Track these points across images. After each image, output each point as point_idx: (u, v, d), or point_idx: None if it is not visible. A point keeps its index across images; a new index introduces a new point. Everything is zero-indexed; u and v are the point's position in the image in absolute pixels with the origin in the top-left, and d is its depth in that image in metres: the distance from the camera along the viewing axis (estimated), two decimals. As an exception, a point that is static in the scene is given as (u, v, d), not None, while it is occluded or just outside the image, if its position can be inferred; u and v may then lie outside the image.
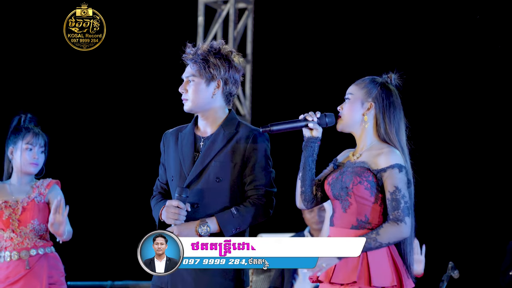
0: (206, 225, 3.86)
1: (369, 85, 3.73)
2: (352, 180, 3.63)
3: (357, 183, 3.62)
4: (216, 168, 3.94)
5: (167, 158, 4.09)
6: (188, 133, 4.07)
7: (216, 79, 4.01)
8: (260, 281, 7.66)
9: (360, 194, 3.61)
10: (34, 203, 5.06)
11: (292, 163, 8.53)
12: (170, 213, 3.88)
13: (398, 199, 3.54)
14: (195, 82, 4.00)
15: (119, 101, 9.09)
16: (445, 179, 7.97)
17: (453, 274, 5.39)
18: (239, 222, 3.89)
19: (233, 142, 3.97)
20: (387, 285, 3.55)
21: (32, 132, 5.12)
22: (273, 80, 8.95)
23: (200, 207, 3.92)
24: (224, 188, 3.93)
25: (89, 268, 7.83)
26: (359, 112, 3.71)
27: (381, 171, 3.59)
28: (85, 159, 9.11)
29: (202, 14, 8.69)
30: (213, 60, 3.99)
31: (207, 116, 4.04)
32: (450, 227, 8.02)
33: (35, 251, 5.02)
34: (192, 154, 4.00)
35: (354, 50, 8.45)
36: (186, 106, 4.04)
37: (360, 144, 3.73)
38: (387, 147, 3.64)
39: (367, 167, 3.62)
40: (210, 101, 4.02)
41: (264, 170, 3.98)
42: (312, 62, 8.77)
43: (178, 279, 3.92)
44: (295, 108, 8.16)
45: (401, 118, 3.71)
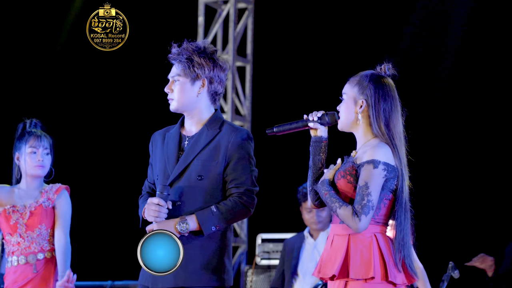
0: (185, 222, 3.89)
1: (360, 81, 3.71)
2: (337, 175, 3.65)
3: (340, 177, 3.63)
4: (198, 166, 3.97)
5: (154, 158, 4.14)
6: (174, 133, 4.11)
7: (201, 78, 4.05)
8: (260, 281, 7.65)
9: (343, 188, 3.62)
10: (42, 208, 5.06)
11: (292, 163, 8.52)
12: (151, 210, 3.91)
13: (363, 195, 3.53)
14: (180, 82, 4.05)
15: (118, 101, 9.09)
16: (445, 179, 7.97)
17: (453, 274, 5.39)
18: (218, 220, 3.91)
19: (215, 141, 4.01)
20: (364, 277, 3.53)
21: (34, 135, 5.12)
22: (273, 80, 8.95)
23: (182, 204, 3.95)
24: (206, 186, 3.96)
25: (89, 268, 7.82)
26: (352, 111, 3.70)
27: (360, 166, 3.59)
28: (85, 159, 9.10)
29: (202, 14, 8.69)
30: (198, 59, 4.03)
31: (193, 115, 4.08)
32: (450, 227, 8.02)
33: (42, 255, 5.02)
34: (176, 153, 4.04)
35: (354, 50, 8.45)
36: (172, 106, 4.09)
37: (358, 142, 3.73)
38: (377, 142, 3.63)
39: (355, 163, 3.63)
40: (196, 100, 4.06)
41: (245, 168, 4.01)
42: (312, 61, 8.77)
43: (158, 277, 3.94)
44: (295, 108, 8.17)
45: (394, 110, 3.67)
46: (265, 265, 7.67)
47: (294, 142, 7.64)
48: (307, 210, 6.72)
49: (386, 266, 3.55)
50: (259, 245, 7.75)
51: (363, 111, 3.68)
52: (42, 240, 5.02)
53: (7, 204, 5.07)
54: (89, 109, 9.21)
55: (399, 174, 3.62)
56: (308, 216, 6.71)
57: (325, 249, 3.69)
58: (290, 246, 6.78)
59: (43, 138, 5.13)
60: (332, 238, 3.68)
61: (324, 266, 3.63)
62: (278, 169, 8.72)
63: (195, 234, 3.92)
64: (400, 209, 3.62)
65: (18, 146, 5.14)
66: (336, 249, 3.61)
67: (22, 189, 5.11)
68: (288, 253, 6.75)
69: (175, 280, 3.91)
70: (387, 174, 3.57)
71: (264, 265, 7.68)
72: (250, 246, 8.45)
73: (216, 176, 3.97)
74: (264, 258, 7.70)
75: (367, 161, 3.57)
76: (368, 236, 3.58)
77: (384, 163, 3.56)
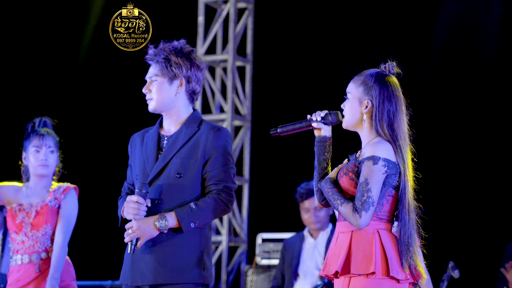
0: (164, 219, 3.92)
1: (365, 81, 3.71)
2: (340, 173, 3.65)
3: (343, 175, 3.64)
4: (177, 164, 4.01)
5: (133, 159, 4.18)
6: (153, 133, 4.15)
7: (178, 78, 4.10)
8: (260, 281, 7.66)
9: (346, 186, 3.63)
10: (48, 207, 5.06)
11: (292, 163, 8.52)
12: (129, 208, 3.95)
13: (363, 191, 3.54)
14: (158, 82, 4.10)
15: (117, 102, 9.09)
16: (445, 178, 7.97)
17: (453, 274, 5.38)
18: (197, 216, 3.94)
19: (194, 139, 4.05)
20: (364, 272, 3.54)
21: (38, 134, 5.12)
22: (273, 80, 8.95)
23: (161, 202, 3.99)
24: (185, 184, 4.00)
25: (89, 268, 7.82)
26: (358, 110, 3.70)
27: (361, 162, 3.60)
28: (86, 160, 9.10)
29: (202, 14, 8.69)
30: (175, 59, 4.08)
31: (171, 115, 4.13)
32: (450, 227, 8.01)
33: (46, 254, 5.02)
34: (155, 152, 4.08)
35: (354, 50, 8.45)
36: (150, 106, 4.13)
37: (363, 141, 3.73)
38: (378, 139, 3.64)
39: (356, 160, 3.64)
40: (174, 100, 4.11)
41: (224, 166, 4.03)
42: (312, 61, 8.77)
43: (137, 274, 3.99)
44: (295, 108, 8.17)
45: (398, 110, 3.68)
46: (265, 264, 7.68)
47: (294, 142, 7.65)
48: (304, 210, 6.72)
49: (388, 261, 3.55)
50: (259, 245, 7.75)
51: (368, 111, 3.69)
52: (46, 239, 5.03)
53: (14, 202, 5.09)
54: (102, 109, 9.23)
55: (401, 173, 3.62)
56: (306, 216, 6.72)
57: (330, 247, 3.70)
58: (290, 246, 6.78)
59: (46, 137, 5.13)
60: (337, 235, 3.68)
61: (329, 264, 3.64)
62: (278, 169, 8.72)
63: (174, 231, 3.96)
64: (404, 210, 3.62)
65: (24, 145, 5.16)
66: (340, 246, 3.62)
67: (30, 188, 5.12)
68: (288, 253, 6.75)
69: (155, 277, 3.95)
70: (388, 170, 3.58)
71: (264, 265, 7.68)
72: (250, 245, 8.45)
73: (195, 174, 4.01)
74: (265, 258, 7.70)
75: (367, 157, 3.57)
76: (371, 232, 3.58)
77: (384, 159, 3.57)
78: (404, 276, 3.58)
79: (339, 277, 3.60)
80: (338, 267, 3.56)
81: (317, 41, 8.81)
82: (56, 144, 5.16)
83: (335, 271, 3.58)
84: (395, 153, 3.61)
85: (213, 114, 8.66)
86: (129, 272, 4.01)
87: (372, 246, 3.56)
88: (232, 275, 8.49)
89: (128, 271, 4.01)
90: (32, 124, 5.19)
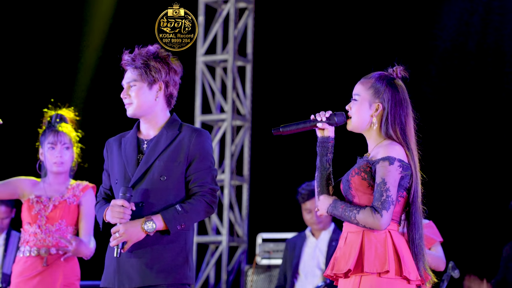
0: (151, 222, 3.94)
1: (375, 84, 3.71)
2: (351, 172, 3.66)
3: (354, 174, 3.65)
4: (160, 167, 4.03)
5: (110, 164, 4.17)
6: (131, 137, 4.16)
7: (157, 82, 4.12)
8: (260, 281, 7.65)
9: (358, 186, 3.63)
10: (66, 203, 5.07)
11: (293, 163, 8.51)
12: (115, 212, 3.95)
13: (382, 191, 3.55)
14: (137, 87, 4.11)
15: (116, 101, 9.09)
16: (445, 178, 7.97)
17: (454, 274, 5.39)
18: (184, 218, 3.97)
19: (176, 142, 4.07)
20: (379, 271, 3.55)
21: (53, 131, 5.12)
22: (273, 80, 8.95)
23: (145, 205, 4.00)
24: (169, 187, 4.02)
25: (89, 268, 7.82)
26: (367, 113, 3.71)
27: (375, 163, 3.60)
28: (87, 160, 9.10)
29: (202, 14, 8.69)
30: (154, 64, 4.10)
31: (150, 119, 4.14)
32: (450, 227, 8.01)
33: (55, 250, 5.03)
34: (135, 156, 4.09)
35: (354, 50, 8.45)
36: (130, 111, 4.14)
37: (370, 144, 3.74)
38: (388, 141, 3.65)
39: (368, 160, 3.64)
40: (153, 104, 4.12)
41: (207, 168, 4.07)
42: (312, 61, 8.77)
43: (124, 277, 4.00)
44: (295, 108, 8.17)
45: (408, 114, 3.71)
46: (265, 264, 7.67)
47: (294, 142, 7.65)
48: (306, 210, 6.72)
49: (400, 261, 3.57)
50: (259, 245, 7.75)
51: (378, 114, 3.69)
52: (59, 235, 5.04)
53: (31, 194, 5.09)
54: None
55: (412, 175, 3.64)
56: (308, 216, 6.72)
57: (338, 247, 3.70)
58: (291, 246, 6.79)
59: (61, 133, 5.13)
60: (345, 235, 3.68)
61: (338, 263, 3.64)
62: (278, 169, 8.72)
63: (160, 233, 3.99)
64: (417, 212, 3.64)
65: (41, 141, 5.18)
66: (350, 245, 3.63)
67: (48, 183, 5.14)
68: (290, 253, 6.76)
69: (142, 280, 3.97)
70: (403, 170, 3.60)
71: (264, 265, 7.68)
72: (250, 245, 8.46)
73: (178, 176, 4.03)
74: (265, 258, 7.70)
75: (382, 158, 3.59)
76: (383, 232, 3.60)
77: (399, 160, 3.59)
78: (415, 277, 3.59)
79: (349, 276, 3.60)
80: (350, 265, 3.57)
81: (317, 41, 8.81)
82: (70, 141, 5.16)
83: (347, 270, 3.58)
84: (407, 156, 3.63)
85: (213, 114, 8.66)
86: (115, 275, 4.02)
87: (385, 245, 3.58)
88: (232, 275, 8.50)
89: (113, 275, 4.03)
90: (49, 120, 5.20)
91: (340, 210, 3.63)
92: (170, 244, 4.00)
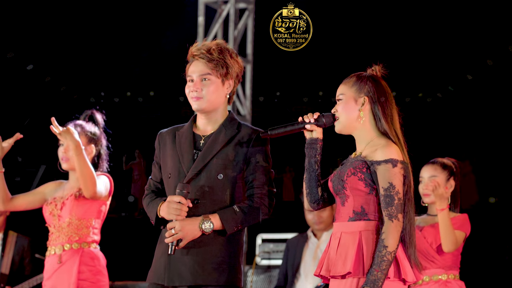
0: (209, 221, 3.87)
1: (357, 81, 3.74)
2: (346, 172, 3.65)
3: (350, 174, 3.64)
4: (218, 165, 3.93)
5: (163, 157, 4.06)
6: (187, 131, 4.04)
7: (229, 79, 4.01)
8: (260, 281, 7.66)
9: (354, 185, 3.63)
10: (73, 197, 5.08)
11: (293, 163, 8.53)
12: (172, 209, 3.87)
13: (392, 195, 3.55)
14: (211, 81, 3.98)
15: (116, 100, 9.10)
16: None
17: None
18: (241, 220, 3.90)
19: (235, 141, 3.97)
20: None
21: None
22: (273, 80, 8.96)
23: (200, 203, 3.92)
24: (225, 186, 3.93)
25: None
26: (355, 109, 3.72)
27: (374, 164, 3.60)
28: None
29: (202, 14, 8.69)
30: (229, 59, 4.00)
31: (212, 115, 4.03)
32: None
33: (69, 245, 5.04)
34: (191, 151, 3.98)
35: (354, 50, 8.46)
36: (198, 105, 3.99)
37: (360, 143, 3.73)
38: (385, 140, 3.65)
39: (364, 160, 3.63)
40: (223, 101, 4.03)
41: (265, 170, 3.98)
42: (312, 62, 8.78)
43: (174, 274, 3.92)
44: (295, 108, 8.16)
45: (394, 107, 3.71)
46: (265, 265, 7.68)
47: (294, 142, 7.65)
48: (308, 210, 6.72)
49: (398, 263, 3.57)
50: (259, 245, 7.76)
51: (365, 108, 3.69)
52: (71, 231, 5.05)
53: (50, 196, 5.13)
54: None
55: (409, 173, 3.65)
56: (310, 216, 6.73)
57: (331, 248, 3.69)
58: (293, 246, 6.79)
59: None
60: (339, 236, 3.67)
61: (334, 264, 3.63)
62: (278, 169, 8.72)
63: (215, 234, 3.91)
64: (409, 204, 3.63)
65: None
66: (346, 246, 3.61)
67: (67, 182, 5.18)
68: (291, 253, 6.76)
69: (194, 278, 3.89)
70: (404, 172, 3.60)
71: (264, 265, 7.68)
72: (250, 246, 8.46)
73: (235, 176, 3.94)
74: (265, 258, 7.71)
75: (385, 160, 3.58)
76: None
77: (401, 161, 3.60)
78: (412, 278, 3.59)
79: (346, 278, 3.59)
80: (350, 268, 3.55)
81: (317, 42, 8.82)
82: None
83: (346, 272, 3.56)
84: (402, 153, 3.63)
85: (213, 114, 8.66)
86: (165, 272, 3.92)
87: None
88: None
89: (163, 271, 3.93)
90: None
91: (381, 268, 3.51)
92: (225, 245, 3.92)
